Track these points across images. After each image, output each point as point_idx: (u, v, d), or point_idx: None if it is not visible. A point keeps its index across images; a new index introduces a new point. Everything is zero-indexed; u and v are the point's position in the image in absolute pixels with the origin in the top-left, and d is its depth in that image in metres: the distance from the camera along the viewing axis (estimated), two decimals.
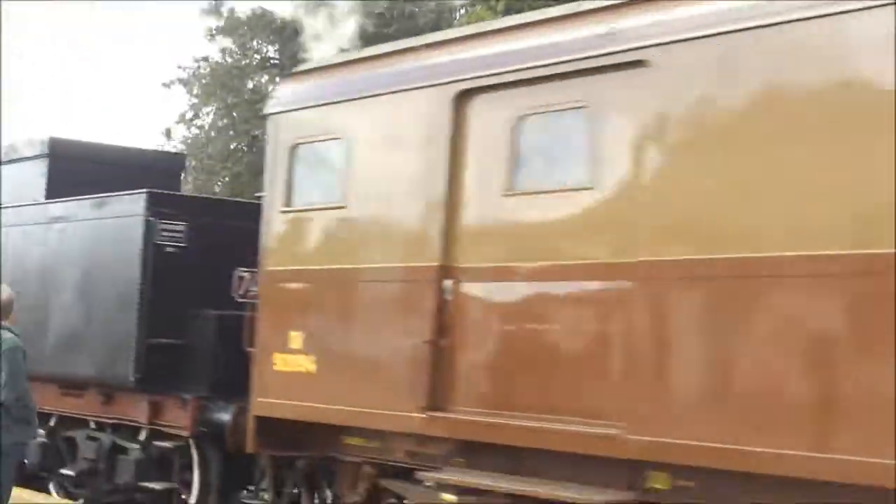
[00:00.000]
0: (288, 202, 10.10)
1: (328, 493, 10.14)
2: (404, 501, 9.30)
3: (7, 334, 8.84)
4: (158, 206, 11.90)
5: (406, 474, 9.08)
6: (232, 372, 10.76)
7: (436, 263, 8.77)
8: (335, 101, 9.83)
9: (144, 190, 11.97)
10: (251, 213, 10.72)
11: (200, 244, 11.92)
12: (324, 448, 9.84)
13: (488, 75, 8.71)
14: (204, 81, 32.63)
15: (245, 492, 11.65)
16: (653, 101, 7.61)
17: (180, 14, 52.23)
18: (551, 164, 8.39)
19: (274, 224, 10.19)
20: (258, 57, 32.70)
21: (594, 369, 7.80)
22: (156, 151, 17.53)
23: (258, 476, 11.19)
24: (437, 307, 8.74)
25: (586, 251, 7.94)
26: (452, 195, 8.79)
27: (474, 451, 8.61)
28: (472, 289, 8.64)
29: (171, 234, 11.90)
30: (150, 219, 11.80)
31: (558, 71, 8.24)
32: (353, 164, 9.55)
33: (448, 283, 8.72)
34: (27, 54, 64.26)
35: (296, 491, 10.44)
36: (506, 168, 8.52)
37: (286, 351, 9.82)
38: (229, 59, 32.57)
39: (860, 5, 6.64)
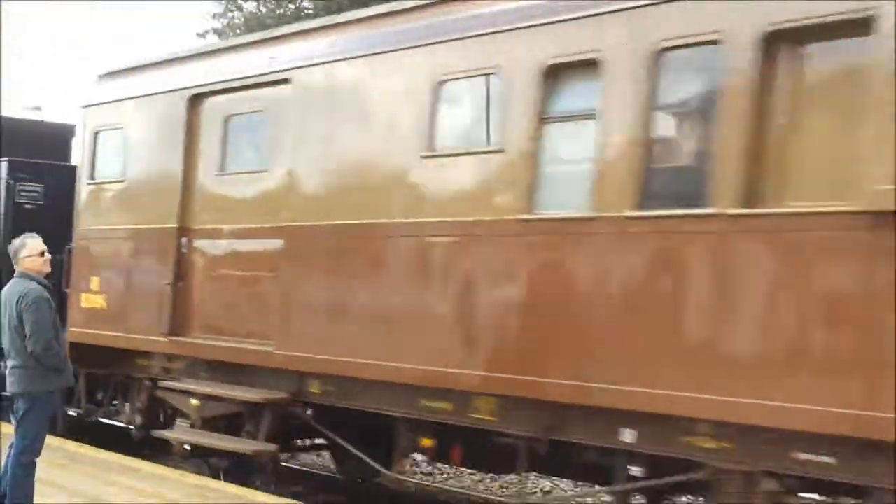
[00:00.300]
0: (91, 176, 13.09)
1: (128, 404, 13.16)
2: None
3: (32, 284, 8.60)
4: (18, 172, 14.92)
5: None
6: None
7: (175, 225, 11.74)
8: (119, 99, 12.78)
9: (5, 158, 14.98)
10: None
11: (53, 202, 14.89)
12: (124, 367, 12.88)
13: (209, 84, 11.61)
14: (238, 32, 30.45)
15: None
16: (295, 107, 10.51)
17: (180, 14, 53.00)
18: (244, 154, 11.32)
19: (82, 193, 13.20)
20: (292, 7, 31.30)
21: (262, 304, 10.78)
22: (48, 123, 19.95)
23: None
24: (177, 258, 11.74)
25: (260, 219, 10.89)
26: (187, 175, 11.74)
27: (213, 367, 11.60)
28: (197, 244, 11.65)
29: (28, 194, 14.92)
30: (10, 182, 14.83)
31: (248, 83, 11.15)
32: (129, 148, 12.52)
33: (184, 240, 11.71)
34: (27, 54, 65.18)
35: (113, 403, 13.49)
36: (219, 155, 11.46)
37: (89, 292, 12.86)
38: (263, 10, 31.43)
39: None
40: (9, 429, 9.10)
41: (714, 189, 7.45)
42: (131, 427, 12.72)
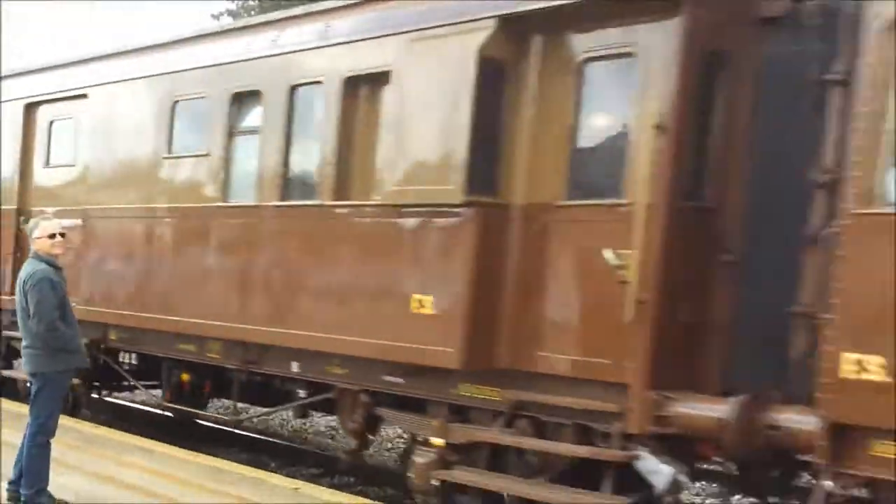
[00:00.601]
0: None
1: None
2: None
3: (40, 265, 8.56)
4: None
5: None
6: None
7: (15, 207, 14.84)
8: None
9: None
10: None
11: None
12: None
13: (38, 95, 14.71)
14: (253, 13, 30.32)
15: None
16: (89, 116, 13.63)
17: (180, 14, 53.66)
18: (61, 152, 14.37)
19: None
20: None
21: (73, 269, 13.89)
22: None
23: None
24: (16, 233, 14.77)
25: (69, 202, 14.01)
26: (23, 167, 14.84)
27: None
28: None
29: None
30: None
31: (60, 96, 14.28)
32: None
33: (22, 218, 14.83)
34: (27, 54, 66.07)
35: None
36: (44, 151, 14.59)
37: None
38: None
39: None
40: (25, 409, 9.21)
41: (320, 187, 10.55)
42: None
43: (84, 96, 13.74)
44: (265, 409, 12.73)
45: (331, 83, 10.41)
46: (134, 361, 14.18)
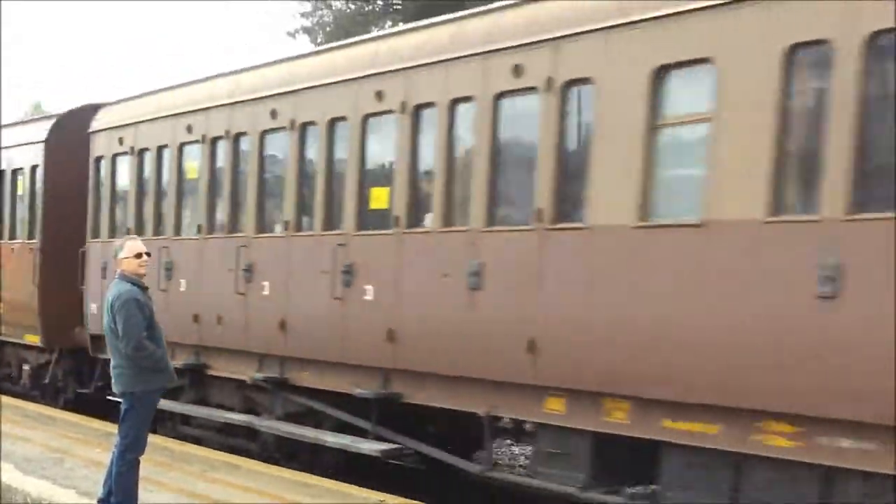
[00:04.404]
0: None
1: None
2: None
3: (126, 286, 8.67)
4: None
5: None
6: None
7: None
8: None
9: None
10: None
11: None
12: None
13: None
14: (328, 30, 31.36)
15: None
16: None
17: (181, 14, 53.17)
18: None
19: None
20: (381, 3, 31.58)
21: None
22: None
23: None
24: None
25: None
26: None
27: None
28: None
29: None
30: None
31: None
32: None
33: None
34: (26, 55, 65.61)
35: None
36: None
37: None
38: (352, 6, 31.66)
39: None
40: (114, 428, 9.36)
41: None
42: None
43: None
44: None
45: None
46: None
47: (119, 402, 8.87)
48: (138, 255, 8.77)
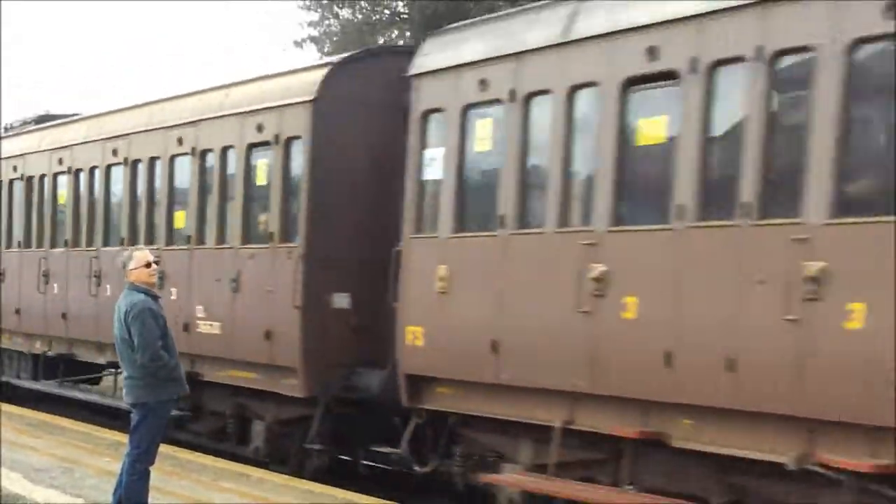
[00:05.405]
0: None
1: None
2: None
3: (139, 296, 8.63)
4: None
5: None
6: None
7: None
8: None
9: None
10: None
11: None
12: None
13: None
14: (335, 39, 30.67)
15: None
16: None
17: (181, 14, 53.38)
18: None
19: None
20: (388, 12, 31.00)
21: None
22: None
23: None
24: None
25: None
26: None
27: None
28: None
29: None
30: None
31: None
32: None
33: None
34: (27, 55, 64.93)
35: None
36: None
37: None
38: (359, 16, 30.84)
39: None
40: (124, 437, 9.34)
41: None
42: None
43: None
44: None
45: None
46: None
47: (130, 412, 8.83)
48: (147, 265, 8.73)
